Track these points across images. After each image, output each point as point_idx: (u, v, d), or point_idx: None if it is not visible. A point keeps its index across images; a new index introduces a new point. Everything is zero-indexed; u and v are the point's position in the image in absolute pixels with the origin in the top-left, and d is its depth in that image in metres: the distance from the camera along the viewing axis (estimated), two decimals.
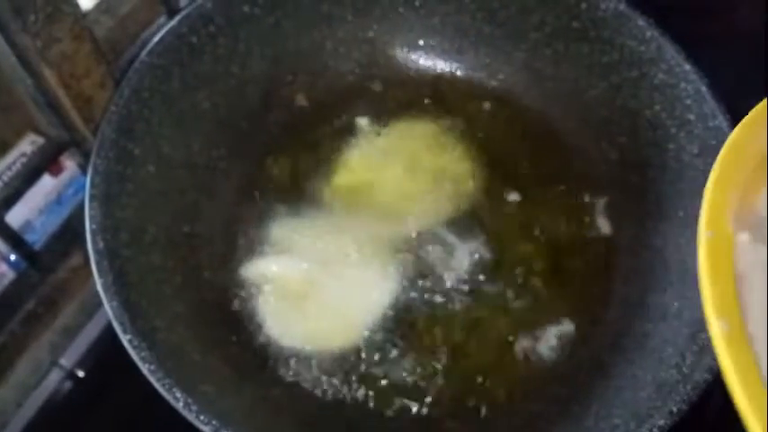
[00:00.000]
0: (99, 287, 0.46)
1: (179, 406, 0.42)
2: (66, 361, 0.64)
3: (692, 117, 0.55)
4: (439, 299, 0.57)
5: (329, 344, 0.55)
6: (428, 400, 0.53)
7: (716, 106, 0.53)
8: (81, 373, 0.64)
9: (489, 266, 0.58)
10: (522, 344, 0.55)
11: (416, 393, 0.53)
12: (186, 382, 0.44)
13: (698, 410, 0.44)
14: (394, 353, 0.54)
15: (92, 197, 0.49)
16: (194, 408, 0.42)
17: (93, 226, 0.48)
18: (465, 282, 0.57)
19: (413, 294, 0.57)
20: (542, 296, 0.57)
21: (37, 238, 0.63)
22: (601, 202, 0.61)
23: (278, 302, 0.56)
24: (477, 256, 0.58)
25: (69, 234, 0.64)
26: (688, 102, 0.55)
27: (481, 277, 0.58)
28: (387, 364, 0.54)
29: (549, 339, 0.55)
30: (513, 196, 0.61)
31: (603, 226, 0.60)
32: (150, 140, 0.55)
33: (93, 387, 0.63)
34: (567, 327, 0.56)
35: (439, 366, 0.54)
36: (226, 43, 0.60)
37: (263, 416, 0.49)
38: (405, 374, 0.54)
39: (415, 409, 0.53)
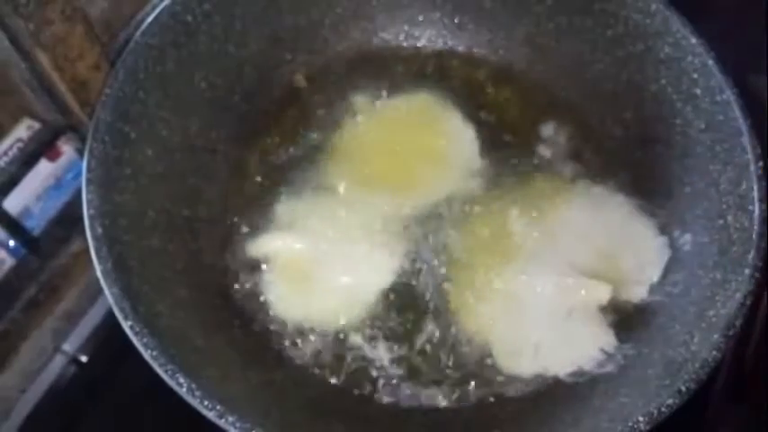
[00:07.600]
0: (99, 273, 0.45)
1: (182, 392, 0.42)
2: (69, 346, 0.64)
3: (698, 91, 0.54)
4: (444, 275, 0.56)
5: (333, 325, 0.54)
6: (436, 381, 0.52)
7: (723, 80, 0.52)
8: (84, 359, 0.64)
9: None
10: None
11: (425, 374, 0.53)
12: (190, 368, 0.43)
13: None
14: (400, 332, 0.54)
15: (89, 181, 0.48)
16: (198, 393, 0.42)
17: (91, 211, 0.47)
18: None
19: (418, 271, 0.56)
20: None
21: (36, 224, 0.62)
22: (607, 178, 0.60)
23: (280, 284, 0.56)
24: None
25: (69, 219, 0.63)
26: (694, 75, 0.54)
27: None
28: (393, 344, 0.54)
29: None
30: (516, 175, 0.60)
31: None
32: (147, 123, 0.54)
33: (96, 372, 0.63)
34: None
35: (446, 345, 0.54)
36: (221, 22, 0.59)
37: (269, 400, 0.49)
38: (411, 355, 0.53)
39: (426, 391, 0.52)
